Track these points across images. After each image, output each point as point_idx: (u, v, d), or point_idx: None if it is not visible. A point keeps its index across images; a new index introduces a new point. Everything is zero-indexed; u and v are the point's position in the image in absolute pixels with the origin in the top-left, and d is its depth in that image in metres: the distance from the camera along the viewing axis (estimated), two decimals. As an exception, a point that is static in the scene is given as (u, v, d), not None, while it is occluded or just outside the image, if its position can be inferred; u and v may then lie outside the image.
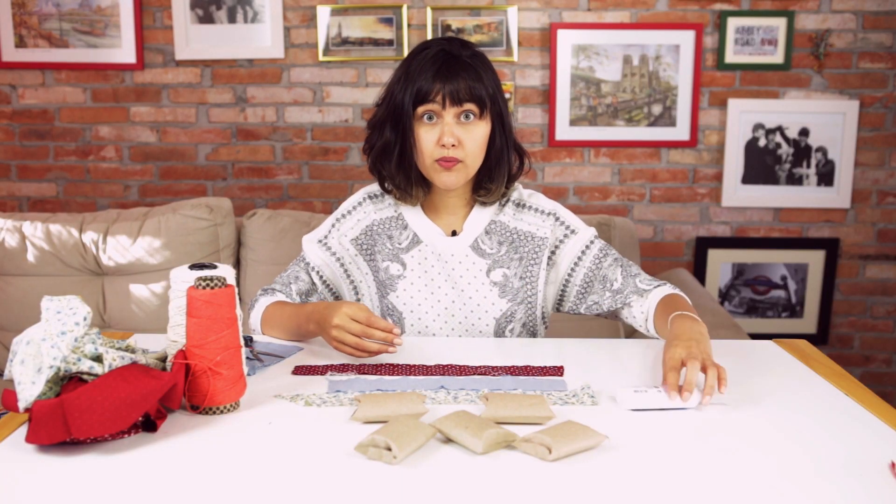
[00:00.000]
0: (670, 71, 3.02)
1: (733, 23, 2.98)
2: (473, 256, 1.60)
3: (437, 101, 1.49)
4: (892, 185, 3.11)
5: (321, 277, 1.66)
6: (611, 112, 3.05)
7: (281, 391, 1.28)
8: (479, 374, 1.35)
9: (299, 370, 1.38)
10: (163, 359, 1.24)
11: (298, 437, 1.11)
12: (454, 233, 1.62)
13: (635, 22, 3.00)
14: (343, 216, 1.67)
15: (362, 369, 1.37)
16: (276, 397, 1.25)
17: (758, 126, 3.06)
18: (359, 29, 3.00)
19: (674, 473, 1.01)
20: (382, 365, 1.39)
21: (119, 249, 2.52)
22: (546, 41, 3.02)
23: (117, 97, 3.08)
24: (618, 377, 1.35)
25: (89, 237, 2.53)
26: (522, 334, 1.64)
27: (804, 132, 3.06)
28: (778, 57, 3.01)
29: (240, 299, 2.06)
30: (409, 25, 3.00)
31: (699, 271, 3.14)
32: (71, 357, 1.09)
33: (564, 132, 3.06)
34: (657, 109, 3.05)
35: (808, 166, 3.08)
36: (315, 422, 1.16)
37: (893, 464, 1.02)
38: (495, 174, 1.58)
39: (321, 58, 3.03)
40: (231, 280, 1.22)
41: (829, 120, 3.04)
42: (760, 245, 3.13)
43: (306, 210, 3.05)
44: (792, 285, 3.16)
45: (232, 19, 3.01)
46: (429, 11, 2.97)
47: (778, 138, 3.07)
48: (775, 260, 3.14)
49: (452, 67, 1.49)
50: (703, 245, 3.13)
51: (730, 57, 3.01)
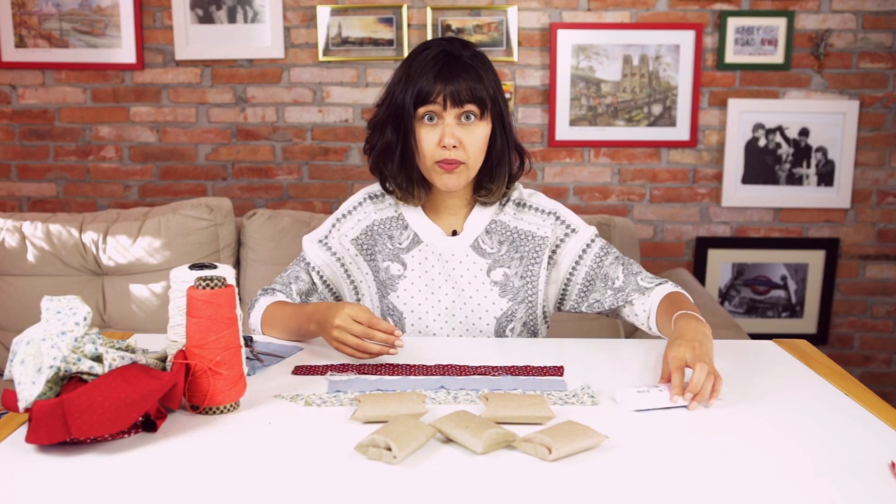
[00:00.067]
0: (670, 71, 3.02)
1: (733, 23, 2.98)
2: (474, 256, 1.60)
3: (438, 103, 1.49)
4: (892, 185, 3.11)
5: (321, 277, 1.66)
6: (611, 112, 3.05)
7: (281, 391, 1.28)
8: (479, 374, 1.35)
9: (299, 370, 1.38)
10: (163, 359, 1.24)
11: (298, 437, 1.11)
12: (455, 232, 1.62)
13: (635, 22, 3.00)
14: (343, 216, 1.67)
15: (362, 369, 1.37)
16: (276, 397, 1.25)
17: (758, 126, 3.06)
18: (359, 29, 3.00)
19: (674, 473, 1.01)
20: (382, 365, 1.39)
21: (119, 249, 2.52)
22: (546, 41, 3.02)
23: (117, 97, 3.08)
24: (618, 377, 1.35)
25: (89, 237, 2.53)
26: (523, 333, 1.64)
27: (804, 132, 3.06)
28: (778, 57, 3.01)
29: (240, 299, 2.06)
30: (409, 25, 3.00)
31: (699, 271, 3.14)
32: (71, 357, 1.09)
33: (564, 132, 3.06)
34: (657, 109, 3.04)
35: (808, 166, 3.08)
36: (315, 422, 1.16)
37: (893, 464, 1.02)
38: (496, 174, 1.58)
39: (321, 58, 3.03)
40: (231, 280, 1.22)
41: (829, 120, 3.04)
42: (760, 245, 3.13)
43: (306, 210, 3.05)
44: (792, 285, 3.16)
45: (232, 19, 3.01)
46: (429, 11, 2.97)
47: (778, 138, 3.07)
48: (775, 260, 3.14)
49: (453, 68, 1.49)
50: (703, 245, 3.13)
51: (730, 57, 3.01)
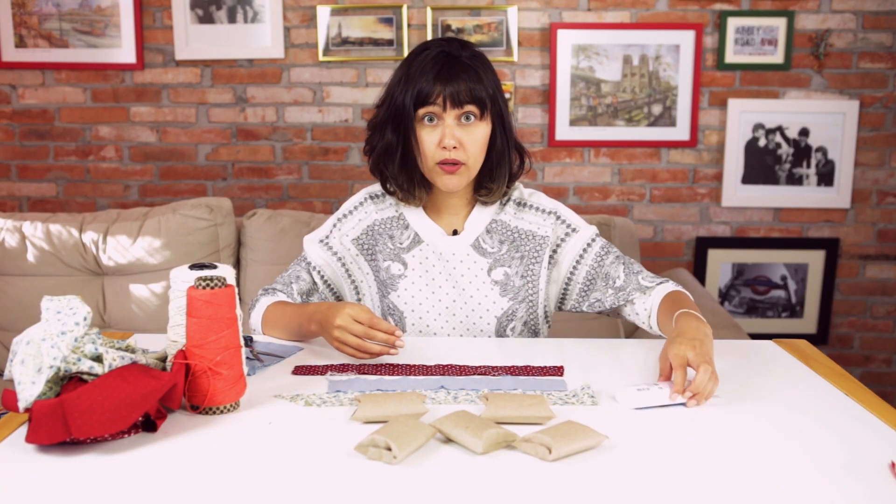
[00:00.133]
0: (670, 71, 3.02)
1: (733, 23, 2.98)
2: (475, 255, 1.61)
3: (438, 104, 1.49)
4: (892, 185, 3.11)
5: (322, 277, 1.66)
6: (611, 112, 3.05)
7: (281, 391, 1.28)
8: (479, 374, 1.35)
9: (299, 370, 1.38)
10: (163, 359, 1.24)
11: (298, 437, 1.11)
12: (455, 232, 1.62)
13: (635, 22, 3.00)
14: (344, 216, 1.67)
15: (362, 369, 1.37)
16: (276, 397, 1.25)
17: (758, 126, 3.06)
18: (359, 29, 3.00)
19: (674, 473, 1.01)
20: (382, 365, 1.39)
21: (119, 249, 2.52)
22: (546, 41, 3.02)
23: (117, 97, 3.08)
24: (618, 377, 1.35)
25: (89, 237, 2.53)
26: (524, 333, 1.64)
27: (804, 132, 3.06)
28: (778, 57, 3.01)
29: (240, 299, 2.06)
30: (409, 25, 3.00)
31: (699, 271, 3.14)
32: (71, 357, 1.09)
33: (564, 132, 3.06)
34: (657, 109, 3.04)
35: (808, 166, 3.08)
36: (315, 422, 1.16)
37: (893, 464, 1.02)
38: (496, 174, 1.58)
39: (321, 58, 3.03)
40: (231, 280, 1.22)
41: (829, 120, 3.04)
42: (760, 245, 3.13)
43: (306, 210, 3.05)
44: (792, 285, 3.16)
45: (232, 19, 3.01)
46: (429, 11, 2.97)
47: (778, 138, 3.07)
48: (775, 260, 3.14)
49: (453, 69, 1.49)
50: (703, 245, 3.13)
51: (730, 57, 3.01)
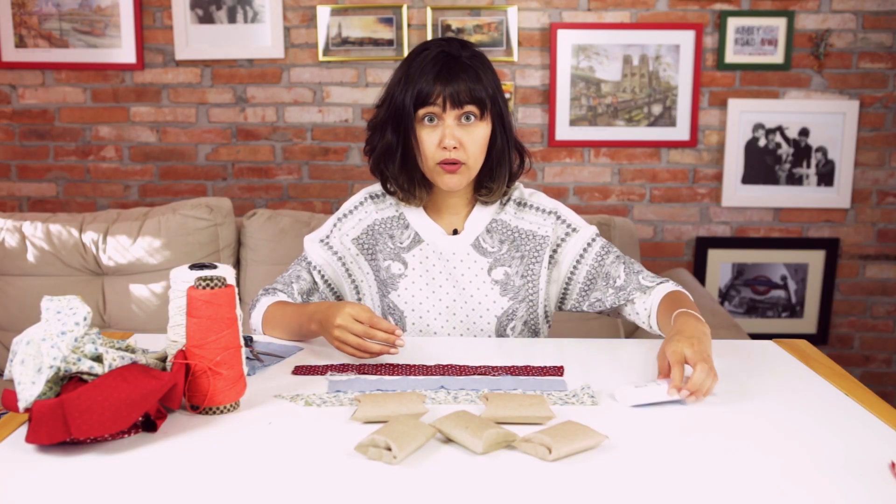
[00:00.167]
0: (670, 71, 3.02)
1: (733, 23, 2.98)
2: (475, 255, 1.61)
3: (438, 104, 1.49)
4: (892, 185, 3.11)
5: (323, 277, 1.66)
6: (611, 112, 3.05)
7: (281, 391, 1.28)
8: (479, 374, 1.35)
9: (299, 370, 1.38)
10: (163, 359, 1.24)
11: (298, 437, 1.11)
12: (455, 231, 1.63)
13: (635, 22, 3.00)
14: (344, 216, 1.67)
15: (362, 369, 1.37)
16: (276, 397, 1.25)
17: (758, 126, 3.06)
18: (359, 29, 3.00)
19: (674, 473, 1.01)
20: (382, 365, 1.39)
21: (119, 249, 2.52)
22: (546, 41, 3.02)
23: (117, 97, 3.08)
24: (618, 377, 1.35)
25: (89, 237, 2.53)
26: (524, 332, 1.64)
27: (804, 132, 3.06)
28: (778, 57, 3.01)
29: (240, 299, 2.06)
30: (409, 25, 3.00)
31: (699, 271, 3.14)
32: (71, 357, 1.09)
33: (564, 132, 3.06)
34: (657, 109, 3.04)
35: (808, 166, 3.08)
36: (315, 422, 1.16)
37: (893, 464, 1.02)
38: (496, 174, 1.58)
39: (321, 58, 3.03)
40: (231, 280, 1.22)
41: (829, 120, 3.04)
42: (760, 245, 3.13)
43: (306, 210, 3.05)
44: (792, 285, 3.16)
45: (232, 19, 3.01)
46: (429, 11, 2.97)
47: (778, 138, 3.07)
48: (775, 260, 3.14)
49: (453, 69, 1.49)
50: (703, 245, 3.13)
51: (730, 57, 3.01)
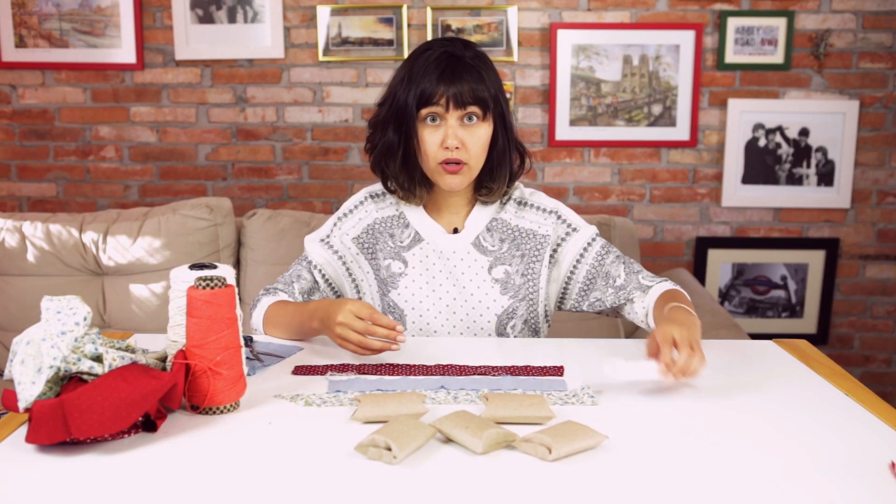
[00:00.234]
0: (670, 71, 3.02)
1: (733, 23, 2.98)
2: (475, 253, 1.61)
3: (441, 104, 1.49)
4: (892, 185, 3.11)
5: (323, 276, 1.66)
6: (611, 112, 3.05)
7: (281, 391, 1.28)
8: (479, 374, 1.35)
9: (299, 370, 1.38)
10: (163, 359, 1.24)
11: (298, 437, 1.11)
12: (456, 230, 1.63)
13: (635, 22, 3.00)
14: (345, 215, 1.67)
15: (362, 369, 1.37)
16: (276, 397, 1.25)
17: (758, 126, 3.06)
18: (359, 29, 3.00)
19: (674, 473, 1.01)
20: (382, 365, 1.39)
21: (119, 249, 2.52)
22: (546, 41, 3.02)
23: (117, 97, 3.08)
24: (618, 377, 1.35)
25: (89, 237, 2.53)
26: (524, 331, 1.64)
27: (804, 132, 3.06)
28: (778, 57, 3.01)
29: (240, 299, 2.06)
30: (409, 25, 3.00)
31: (699, 271, 3.14)
32: (71, 357, 1.09)
33: (564, 132, 3.06)
34: (657, 109, 3.04)
35: (808, 166, 3.08)
36: (315, 422, 1.16)
37: (893, 464, 1.02)
38: (497, 174, 1.59)
39: (321, 58, 3.03)
40: (231, 280, 1.22)
41: (829, 120, 3.04)
42: (760, 245, 3.13)
43: (306, 210, 3.05)
44: (792, 285, 3.16)
45: (232, 19, 3.01)
46: (429, 11, 2.97)
47: (778, 138, 3.07)
48: (775, 260, 3.14)
49: (456, 70, 1.49)
50: (703, 245, 3.13)
51: (730, 57, 3.01)
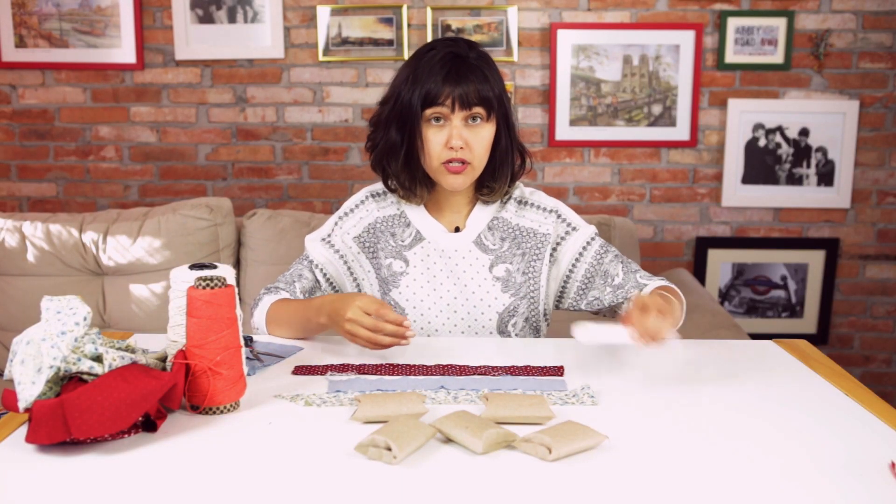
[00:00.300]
0: (670, 71, 3.02)
1: (733, 23, 2.98)
2: (476, 252, 1.61)
3: (447, 105, 1.50)
4: (892, 185, 3.11)
5: (325, 275, 1.66)
6: (611, 112, 3.05)
7: (281, 391, 1.28)
8: (480, 374, 1.35)
9: (299, 370, 1.38)
10: (163, 359, 1.24)
11: (298, 437, 1.11)
12: (457, 229, 1.63)
13: (635, 22, 3.00)
14: (346, 214, 1.68)
15: (362, 369, 1.37)
16: (276, 397, 1.25)
17: (758, 126, 3.06)
18: (359, 29, 3.00)
19: (674, 473, 1.01)
20: (382, 365, 1.39)
21: (119, 249, 2.52)
22: (546, 41, 3.02)
23: (117, 97, 3.08)
24: (618, 377, 1.35)
25: (89, 237, 2.53)
26: (525, 329, 1.64)
27: (804, 132, 3.06)
28: (778, 57, 3.01)
29: (240, 299, 2.06)
30: (409, 25, 3.00)
31: (699, 271, 3.14)
32: (71, 357, 1.09)
33: (564, 132, 3.06)
34: (657, 109, 3.04)
35: (808, 166, 3.08)
36: (315, 422, 1.16)
37: (893, 464, 1.02)
38: (499, 174, 1.60)
39: (321, 58, 3.03)
40: (231, 280, 1.22)
41: (829, 120, 3.04)
42: (760, 245, 3.13)
43: (306, 210, 3.05)
44: (792, 285, 3.16)
45: (232, 19, 3.01)
46: (429, 11, 2.97)
47: (778, 138, 3.07)
48: (775, 260, 3.14)
49: (461, 70, 1.50)
50: (703, 245, 3.13)
51: (730, 57, 3.01)
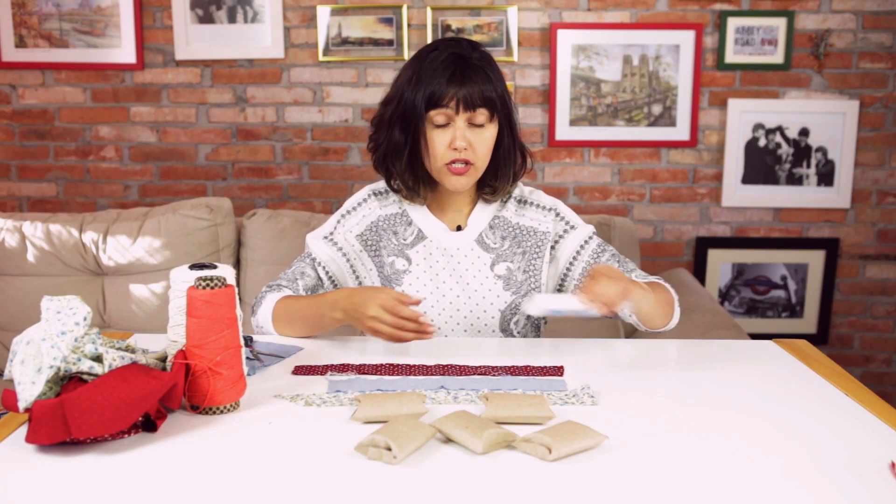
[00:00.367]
0: (670, 71, 3.02)
1: (733, 23, 2.98)
2: (478, 250, 1.62)
3: (451, 107, 1.50)
4: (892, 185, 3.11)
5: (327, 273, 1.66)
6: (611, 112, 3.05)
7: (281, 391, 1.28)
8: (480, 374, 1.35)
9: (299, 370, 1.38)
10: (163, 359, 1.24)
11: (298, 437, 1.11)
12: (459, 228, 1.64)
13: (635, 22, 3.00)
14: (348, 212, 1.68)
15: (362, 369, 1.37)
16: (276, 397, 1.25)
17: (758, 126, 3.06)
18: (359, 29, 3.00)
19: (674, 473, 1.01)
20: (382, 365, 1.39)
21: (119, 249, 2.52)
22: (546, 41, 3.02)
23: (117, 97, 3.08)
24: (618, 377, 1.35)
25: (89, 237, 2.53)
26: (527, 327, 1.65)
27: (804, 132, 3.06)
28: (778, 57, 3.01)
29: (240, 299, 2.06)
30: (409, 25, 3.00)
31: (699, 271, 3.14)
32: (71, 357, 1.09)
33: (564, 132, 3.06)
34: (657, 109, 3.04)
35: (808, 166, 3.08)
36: (315, 422, 1.16)
37: (893, 464, 1.02)
38: (501, 173, 1.61)
39: (321, 58, 3.03)
40: (231, 280, 1.22)
41: (829, 120, 3.04)
42: (760, 245, 3.13)
43: (306, 210, 3.05)
44: (792, 285, 3.16)
45: (232, 19, 3.01)
46: (429, 11, 2.97)
47: (778, 138, 3.07)
48: (775, 260, 3.14)
49: (465, 72, 1.50)
50: (703, 245, 3.13)
51: (730, 57, 3.01)
